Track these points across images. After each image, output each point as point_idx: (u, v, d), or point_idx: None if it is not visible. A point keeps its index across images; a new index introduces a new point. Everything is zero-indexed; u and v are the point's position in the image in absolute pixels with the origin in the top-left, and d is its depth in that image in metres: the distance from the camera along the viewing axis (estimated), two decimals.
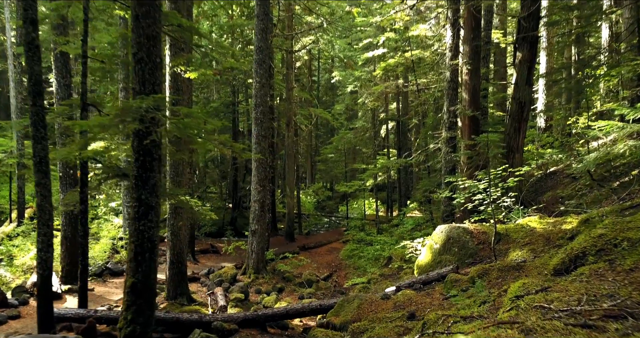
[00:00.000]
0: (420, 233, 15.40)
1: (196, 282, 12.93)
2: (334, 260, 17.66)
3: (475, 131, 11.44)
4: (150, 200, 5.62)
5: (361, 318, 5.85)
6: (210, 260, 16.31)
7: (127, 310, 5.48)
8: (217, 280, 12.75)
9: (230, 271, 13.25)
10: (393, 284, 12.12)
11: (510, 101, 11.22)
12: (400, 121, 25.67)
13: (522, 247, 6.44)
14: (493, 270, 5.56)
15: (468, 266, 6.84)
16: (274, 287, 13.09)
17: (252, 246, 13.56)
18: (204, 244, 18.86)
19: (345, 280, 14.95)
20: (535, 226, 7.11)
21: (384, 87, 21.42)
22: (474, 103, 11.38)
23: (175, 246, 10.39)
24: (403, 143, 25.84)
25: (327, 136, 41.63)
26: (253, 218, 13.59)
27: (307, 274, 14.49)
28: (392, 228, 18.34)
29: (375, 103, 24.18)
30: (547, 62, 20.37)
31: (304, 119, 27.25)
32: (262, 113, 13.39)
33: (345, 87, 27.12)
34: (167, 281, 10.50)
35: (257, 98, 13.40)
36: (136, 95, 5.54)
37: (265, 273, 13.66)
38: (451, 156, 11.74)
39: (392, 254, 14.62)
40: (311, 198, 35.26)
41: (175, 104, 10.11)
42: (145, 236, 5.57)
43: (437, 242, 7.50)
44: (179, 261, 10.43)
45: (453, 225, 7.55)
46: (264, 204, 13.61)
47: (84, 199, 7.88)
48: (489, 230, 7.28)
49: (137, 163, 5.58)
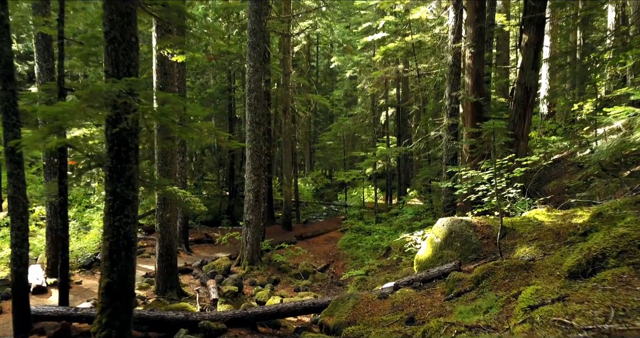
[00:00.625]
0: (419, 222, 14.98)
1: (189, 274, 12.54)
2: (331, 250, 17.28)
3: (478, 118, 10.94)
4: (126, 193, 5.15)
5: (356, 320, 5.43)
6: (205, 250, 15.92)
7: (101, 312, 5.05)
8: (210, 272, 12.36)
9: (224, 263, 12.85)
10: (391, 277, 11.74)
11: (515, 86, 10.69)
12: (400, 108, 25.10)
13: (529, 243, 5.99)
14: (499, 269, 5.12)
15: (471, 263, 6.41)
16: (269, 279, 12.70)
17: (246, 237, 13.15)
18: (198, 234, 18.47)
19: (342, 271, 14.58)
20: (543, 219, 6.66)
21: (383, 73, 20.82)
22: (477, 88, 10.85)
23: (165, 238, 9.96)
24: (403, 129, 25.31)
25: (327, 122, 41.01)
26: (247, 208, 13.15)
27: (303, 265, 14.11)
28: (391, 217, 17.92)
29: (375, 89, 23.57)
30: (551, 47, 19.77)
31: (302, 106, 26.68)
32: (256, 99, 12.85)
33: (344, 72, 26.47)
34: (157, 275, 10.10)
35: (251, 83, 12.86)
36: (109, 78, 5.04)
37: (260, 264, 13.26)
38: (453, 143, 11.25)
39: (390, 244, 14.23)
40: (310, 185, 34.82)
41: (163, 89, 9.61)
42: (121, 232, 5.12)
43: (438, 236, 7.05)
44: (169, 254, 10.02)
45: (455, 218, 7.10)
46: (259, 194, 13.16)
47: (63, 190, 7.41)
48: (494, 224, 6.83)
49: (111, 152, 5.10)
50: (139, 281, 10.77)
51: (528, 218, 6.89)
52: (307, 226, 22.52)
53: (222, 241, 14.41)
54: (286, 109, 20.09)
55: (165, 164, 9.83)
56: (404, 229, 15.30)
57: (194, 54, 8.96)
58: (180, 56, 8.94)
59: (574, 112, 21.02)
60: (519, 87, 10.56)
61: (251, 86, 12.87)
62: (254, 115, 12.87)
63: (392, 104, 26.55)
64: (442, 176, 11.58)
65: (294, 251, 15.00)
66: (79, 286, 10.72)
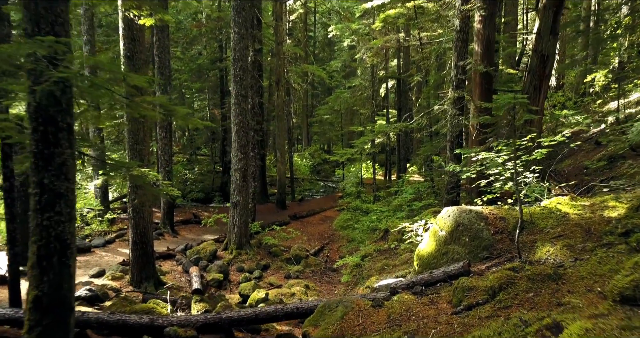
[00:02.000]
0: (420, 203, 14.02)
1: (171, 259, 11.65)
2: (326, 231, 16.40)
3: (487, 91, 9.81)
4: (57, 185, 4.12)
5: (345, 336, 4.49)
6: (192, 231, 15.02)
7: (29, 332, 4.09)
8: (194, 258, 11.47)
9: (210, 247, 11.94)
10: (389, 264, 10.84)
11: (531, 53, 9.52)
12: (401, 79, 23.82)
13: (553, 241, 4.99)
14: (521, 278, 4.14)
15: (482, 262, 5.43)
16: (257, 264, 11.84)
17: (233, 219, 12.21)
18: (187, 213, 17.55)
19: (337, 254, 13.71)
20: (567, 210, 5.65)
21: (383, 42, 19.44)
22: (487, 57, 9.67)
23: (138, 224, 8.99)
24: (404, 103, 24.10)
25: (325, 95, 39.62)
26: (234, 189, 12.16)
27: (295, 248, 13.22)
28: (390, 196, 16.96)
29: (374, 59, 22.21)
30: (562, 14, 18.36)
31: (297, 78, 25.36)
32: (241, 69, 11.68)
33: (342, 41, 25.04)
34: (131, 264, 9.18)
35: (237, 52, 11.66)
36: (28, 38, 3.93)
37: (249, 248, 12.37)
38: (458, 119, 10.14)
39: (389, 227, 13.31)
40: (307, 161, 33.77)
41: (131, 58, 8.46)
42: (52, 233, 4.12)
43: (443, 228, 6.06)
44: (143, 242, 9.07)
45: (463, 208, 6.09)
46: (247, 173, 12.13)
47: (8, 175, 6.39)
48: (508, 216, 5.82)
49: (35, 134, 4.05)
50: (113, 270, 9.87)
51: (549, 208, 5.88)
52: (302, 205, 21.61)
53: (209, 224, 13.46)
54: (279, 80, 18.85)
55: (137, 142, 8.77)
56: (403, 210, 14.36)
57: (164, 16, 7.77)
58: (147, 18, 7.77)
59: (585, 85, 19.81)
60: (535, 56, 9.39)
61: (236, 55, 11.68)
62: (239, 87, 11.73)
63: (392, 75, 25.26)
64: (446, 154, 10.53)
65: (286, 234, 14.08)
66: None
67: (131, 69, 8.55)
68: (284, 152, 19.90)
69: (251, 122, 14.46)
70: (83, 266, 10.61)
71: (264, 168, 20.22)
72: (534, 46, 9.41)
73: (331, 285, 11.01)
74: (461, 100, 10.39)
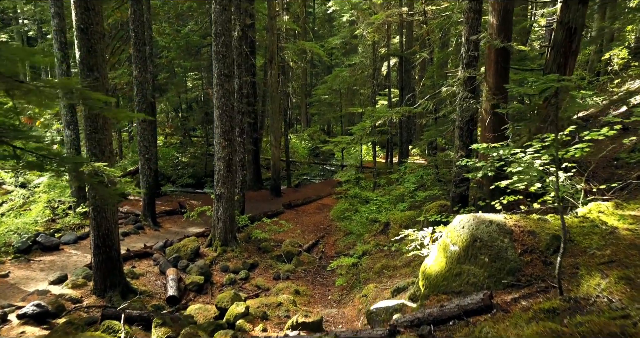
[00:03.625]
0: (424, 193, 12.82)
1: (148, 258, 10.53)
2: (322, 221, 15.27)
3: (503, 70, 8.49)
4: None
5: None
6: (177, 224, 13.88)
7: None
8: (173, 257, 10.36)
9: (191, 244, 10.81)
10: (390, 265, 9.70)
11: (555, 26, 8.15)
12: (404, 57, 22.35)
13: (602, 269, 3.80)
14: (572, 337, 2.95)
15: (507, 292, 4.25)
16: (244, 263, 10.74)
17: (217, 213, 11.05)
18: (173, 202, 16.39)
19: (333, 249, 12.60)
20: (615, 223, 4.44)
21: (385, 16, 17.94)
22: (504, 30, 8.31)
23: (100, 225, 7.82)
24: (406, 82, 22.69)
25: (325, 74, 38.08)
26: (218, 180, 10.97)
27: (287, 244, 12.11)
28: (391, 185, 15.75)
29: (375, 36, 20.71)
30: None
31: (294, 55, 23.90)
32: (224, 45, 10.34)
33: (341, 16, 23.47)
34: (94, 271, 8.05)
35: (218, 25, 10.30)
36: None
37: (235, 244, 11.25)
38: (469, 102, 8.84)
39: (389, 219, 12.16)
40: (305, 143, 32.50)
41: (85, 31, 7.16)
42: None
43: (456, 242, 4.87)
44: (107, 245, 7.91)
45: (480, 218, 4.87)
46: (231, 162, 10.91)
47: None
48: (539, 229, 4.61)
49: None
50: (77, 274, 8.75)
51: (590, 219, 4.66)
52: (298, 191, 20.46)
53: (192, 217, 12.31)
54: (272, 58, 17.43)
55: (96, 130, 7.52)
56: (405, 200, 13.17)
57: None
58: None
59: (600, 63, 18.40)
60: (560, 28, 8.03)
61: (218, 29, 10.32)
62: (222, 66, 10.40)
63: (394, 53, 23.76)
64: (455, 142, 9.26)
65: (278, 227, 12.93)
66: (4, 280, 8.71)
67: (85, 44, 7.25)
68: (279, 135, 18.63)
69: (239, 105, 13.16)
70: (47, 268, 9.50)
71: (257, 152, 18.98)
72: (559, 17, 8.04)
73: (325, 287, 9.91)
74: (473, 80, 9.08)
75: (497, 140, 8.47)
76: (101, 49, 7.50)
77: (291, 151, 29.64)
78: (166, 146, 26.99)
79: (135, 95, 12.52)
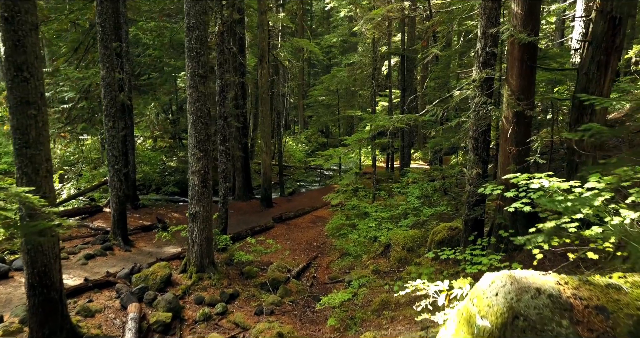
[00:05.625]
0: (430, 209, 11.36)
1: (110, 289, 9.04)
2: (316, 237, 13.80)
3: (529, 69, 7.01)
4: None
5: None
6: (152, 242, 12.38)
7: None
8: (139, 287, 8.89)
9: (161, 272, 9.33)
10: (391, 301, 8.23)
11: (594, 16, 6.67)
12: (406, 56, 20.87)
13: None
14: None
15: None
16: (222, 293, 9.26)
17: (192, 235, 9.58)
18: (152, 215, 14.90)
19: (327, 273, 11.14)
20: None
21: (385, 11, 16.48)
22: (531, 21, 6.83)
23: (36, 261, 6.35)
24: (408, 82, 21.19)
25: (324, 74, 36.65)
26: (192, 197, 9.50)
27: (274, 268, 10.67)
28: (391, 197, 14.27)
29: (375, 33, 19.23)
30: None
31: (289, 54, 22.44)
32: (198, 41, 8.88)
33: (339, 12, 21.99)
34: (29, 317, 6.57)
35: (191, 17, 8.84)
36: None
37: (214, 270, 9.79)
38: (487, 109, 7.36)
39: (390, 240, 10.71)
40: (303, 146, 31.04)
41: (10, 20, 5.70)
42: None
43: (485, 315, 3.41)
44: (45, 284, 6.44)
45: (522, 282, 3.40)
46: (207, 177, 9.44)
47: None
48: (612, 305, 3.14)
49: None
50: (17, 314, 7.29)
51: None
52: (292, 200, 18.99)
53: (164, 238, 10.84)
54: (263, 57, 15.95)
55: (27, 145, 6.05)
56: (407, 216, 11.70)
57: None
58: None
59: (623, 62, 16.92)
60: (600, 19, 6.56)
61: (191, 22, 8.85)
62: (195, 65, 8.94)
63: (395, 51, 22.31)
64: (469, 156, 7.78)
65: (264, 248, 11.45)
66: None
67: (10, 37, 5.79)
68: (270, 140, 17.15)
69: (221, 109, 11.68)
70: None
71: (246, 159, 17.50)
72: (600, 5, 6.56)
73: (315, 326, 8.43)
74: (490, 82, 7.61)
75: (521, 156, 7.00)
76: (33, 43, 6.03)
77: (287, 155, 28.18)
78: (154, 150, 25.54)
79: (103, 98, 11.03)
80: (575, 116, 6.94)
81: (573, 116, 6.99)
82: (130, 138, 15.05)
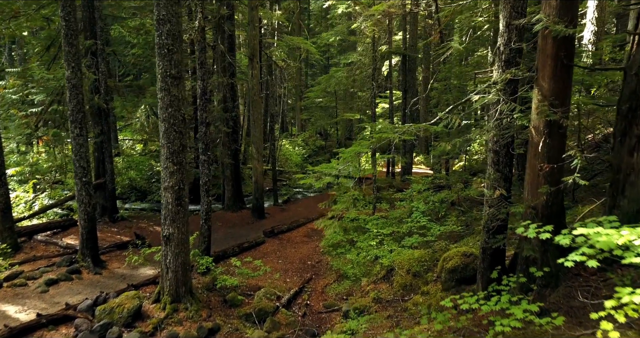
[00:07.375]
0: (439, 226, 10.10)
1: (68, 325, 7.78)
2: (311, 255, 12.54)
3: (566, 68, 5.72)
4: None
5: None
6: (126, 262, 11.06)
7: None
8: (101, 324, 7.63)
9: (129, 303, 8.07)
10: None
11: None
12: (407, 56, 19.65)
13: None
14: None
15: None
16: (200, 329, 8.00)
17: (166, 260, 8.31)
18: (132, 228, 13.58)
19: (321, 300, 9.87)
20: None
21: (386, 6, 15.22)
22: (569, 10, 5.55)
23: None
24: (410, 83, 19.97)
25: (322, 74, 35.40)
26: (166, 216, 8.22)
27: (262, 295, 9.41)
28: (393, 208, 13.00)
29: (375, 31, 17.99)
30: None
31: (284, 53, 21.17)
32: (170, 36, 7.62)
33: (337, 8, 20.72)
34: None
35: (161, 8, 7.59)
36: None
37: (191, 300, 8.52)
38: (512, 117, 6.08)
39: (394, 262, 9.45)
40: (300, 149, 29.76)
41: None
42: None
43: None
44: None
45: None
46: (182, 194, 8.16)
47: None
48: None
49: None
50: None
51: None
52: (286, 209, 17.72)
53: (134, 262, 9.56)
54: (254, 56, 14.68)
55: None
56: (412, 234, 10.43)
57: None
58: None
59: None
60: None
61: (161, 14, 7.60)
62: (167, 64, 7.67)
63: (396, 50, 21.07)
64: (489, 172, 6.51)
65: (251, 270, 10.15)
66: None
67: None
68: (261, 146, 15.87)
69: (202, 114, 10.41)
70: None
71: (237, 166, 16.22)
72: None
73: None
74: (515, 85, 6.34)
75: (554, 175, 5.72)
76: None
77: (283, 159, 26.91)
78: (144, 154, 24.25)
79: (68, 101, 9.74)
80: (621, 126, 5.67)
81: (619, 125, 5.73)
82: (107, 145, 13.77)
